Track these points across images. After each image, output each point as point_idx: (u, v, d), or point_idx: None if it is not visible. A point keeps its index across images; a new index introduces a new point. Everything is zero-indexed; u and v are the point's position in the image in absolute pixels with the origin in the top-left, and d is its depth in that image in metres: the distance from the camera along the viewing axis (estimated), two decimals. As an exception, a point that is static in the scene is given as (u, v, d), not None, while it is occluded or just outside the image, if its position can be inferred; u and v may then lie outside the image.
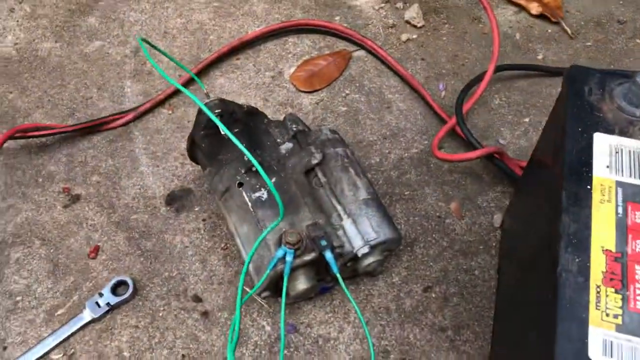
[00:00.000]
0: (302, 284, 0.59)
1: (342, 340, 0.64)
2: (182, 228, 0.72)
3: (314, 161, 0.63)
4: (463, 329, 0.64)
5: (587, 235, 0.44)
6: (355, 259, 0.61)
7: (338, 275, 0.58)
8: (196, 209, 0.74)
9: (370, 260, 0.61)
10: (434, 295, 0.67)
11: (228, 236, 0.71)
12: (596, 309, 0.40)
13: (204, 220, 0.73)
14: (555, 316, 0.40)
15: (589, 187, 0.46)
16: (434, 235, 0.71)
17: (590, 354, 0.38)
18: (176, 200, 0.75)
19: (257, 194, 0.62)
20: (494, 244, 0.70)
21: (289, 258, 0.57)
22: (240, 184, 0.63)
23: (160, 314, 0.66)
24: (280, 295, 0.57)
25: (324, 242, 0.58)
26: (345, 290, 0.56)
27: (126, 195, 0.75)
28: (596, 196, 0.45)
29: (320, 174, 0.64)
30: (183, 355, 0.63)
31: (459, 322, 0.65)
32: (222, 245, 0.70)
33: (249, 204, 0.62)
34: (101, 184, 0.76)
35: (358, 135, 0.79)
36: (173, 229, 0.72)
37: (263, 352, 0.63)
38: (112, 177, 0.77)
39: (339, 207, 0.62)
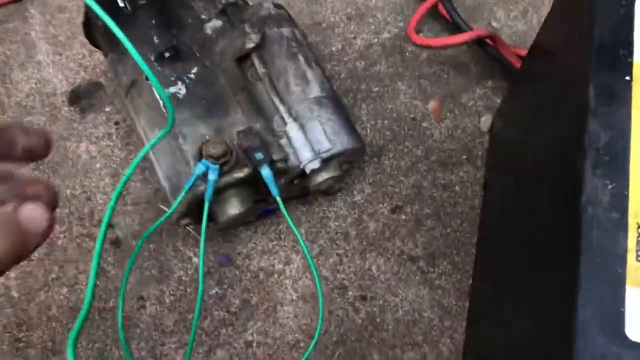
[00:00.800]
0: (233, 207, 0.46)
1: (289, 274, 0.51)
2: (88, 133, 0.56)
3: (250, 44, 0.47)
4: (438, 258, 0.52)
5: (625, 149, 0.30)
6: (304, 175, 0.47)
7: (278, 199, 0.44)
8: (107, 110, 0.58)
9: (323, 177, 0.47)
10: (403, 217, 0.54)
11: (147, 144, 0.56)
12: (637, 260, 0.27)
13: (116, 123, 0.57)
14: (576, 271, 0.27)
15: (627, 77, 0.32)
16: (406, 143, 0.57)
17: (628, 329, 0.26)
18: (82, 98, 0.58)
19: (172, 89, 0.46)
20: (480, 154, 0.57)
21: (211, 176, 0.42)
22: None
23: (59, 243, 0.52)
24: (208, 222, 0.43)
25: (259, 155, 0.43)
26: (287, 216, 0.43)
27: (18, 92, 0.59)
28: (639, 91, 0.31)
29: (257, 63, 0.48)
30: (87, 295, 0.50)
31: (433, 251, 0.52)
32: (140, 155, 0.55)
33: (160, 102, 0.46)
34: (-15, 77, 0.59)
35: (315, 14, 0.62)
36: (77, 134, 0.56)
37: (188, 289, 0.50)
38: (0, 67, 0.60)
39: (281, 108, 0.46)
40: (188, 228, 0.52)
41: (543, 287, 0.33)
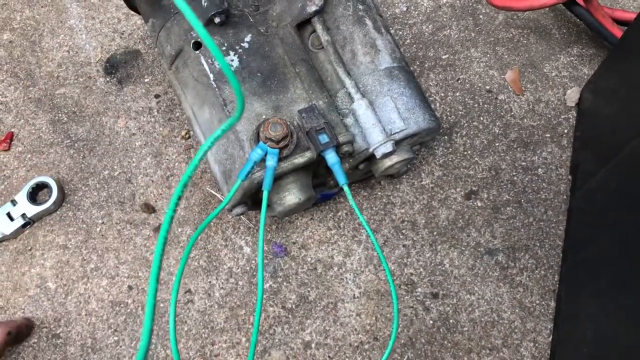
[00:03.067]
0: (292, 196, 0.40)
1: (350, 267, 0.46)
2: (127, 107, 0.51)
3: (312, 8, 0.41)
4: (519, 252, 0.46)
5: None
6: (371, 159, 0.41)
7: (345, 188, 0.38)
8: (146, 80, 0.52)
9: (394, 160, 0.41)
10: (479, 204, 0.47)
11: (191, 120, 0.50)
12: None
13: (157, 96, 0.52)
14: None
15: None
16: (481, 119, 0.50)
17: None
18: (119, 67, 0.53)
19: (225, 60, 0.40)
20: (565, 131, 0.50)
21: (271, 162, 0.37)
22: (198, 45, 0.41)
23: (98, 230, 0.47)
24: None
25: (324, 138, 0.37)
26: (352, 202, 0.37)
27: (50, 61, 0.53)
28: None
29: (320, 29, 0.41)
30: (129, 287, 0.46)
31: (513, 243, 0.46)
32: (184, 132, 0.50)
33: (211, 75, 0.40)
34: (15, 45, 0.54)
35: (376, -29, 0.55)
36: (114, 108, 0.51)
37: (240, 282, 0.46)
38: (29, 34, 0.55)
39: (347, 81, 0.40)
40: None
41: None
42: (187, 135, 0.50)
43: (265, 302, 0.45)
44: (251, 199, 0.41)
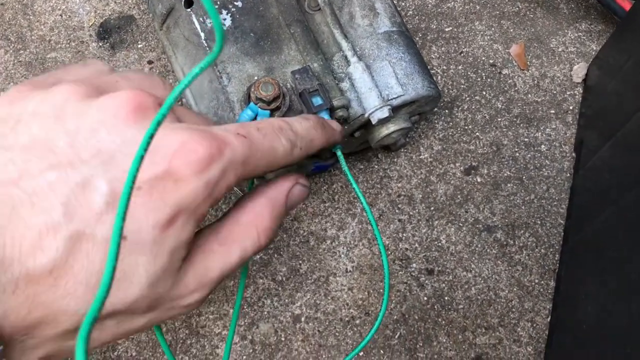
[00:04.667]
0: (284, 162, 0.38)
1: (343, 241, 0.45)
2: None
3: (308, -33, 0.39)
4: (519, 229, 0.45)
5: None
6: (367, 126, 0.40)
7: (339, 153, 0.37)
8: (140, 46, 0.51)
9: (390, 129, 0.40)
10: (479, 180, 0.46)
11: (184, 87, 0.49)
12: None
13: (150, 62, 0.50)
14: None
15: None
16: (484, 93, 0.48)
17: None
18: (112, 32, 0.52)
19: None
20: (571, 108, 0.48)
21: (261, 123, 0.35)
22: (189, 3, 0.40)
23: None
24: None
25: (318, 100, 0.36)
26: (347, 171, 0.36)
27: (42, 25, 0.52)
28: None
29: (316, -10, 0.40)
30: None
31: (513, 220, 0.45)
32: (178, 101, 0.49)
33: (202, 35, 0.39)
34: (6, 7, 0.53)
35: (379, -60, 0.53)
36: (106, 74, 0.50)
37: (230, 254, 0.44)
38: (22, -3, 0.53)
39: (344, 44, 0.39)
40: (230, 184, 0.45)
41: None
42: (179, 102, 0.49)
43: (255, 273, 0.44)
44: (241, 164, 0.40)
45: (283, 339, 0.42)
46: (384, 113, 0.37)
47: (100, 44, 0.51)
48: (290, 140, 0.26)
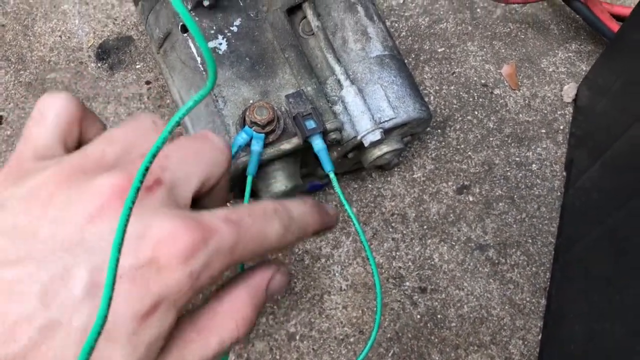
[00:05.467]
0: (279, 183, 0.39)
1: (337, 259, 0.45)
2: (117, 93, 0.51)
3: (302, -7, 0.40)
4: (510, 248, 0.45)
5: None
6: (360, 147, 0.40)
7: (331, 174, 0.38)
8: (138, 67, 0.52)
9: (383, 150, 0.41)
10: (471, 199, 0.47)
11: (181, 107, 0.50)
12: None
13: (148, 83, 0.51)
14: None
15: None
16: (475, 113, 0.49)
17: None
18: (111, 53, 0.52)
19: (211, 44, 0.40)
20: (561, 127, 0.49)
21: (256, 147, 0.36)
22: (186, 28, 0.40)
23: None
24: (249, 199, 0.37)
25: (311, 123, 0.37)
26: (340, 193, 0.37)
27: (42, 46, 0.53)
28: None
29: (310, 14, 0.41)
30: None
31: (504, 239, 0.45)
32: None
33: (198, 59, 0.40)
34: (7, 29, 0.54)
35: (373, -37, 0.55)
36: (105, 94, 0.51)
37: (226, 272, 0.45)
38: (22, 18, 0.54)
39: (337, 68, 0.40)
40: (227, 205, 0.46)
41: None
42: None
43: (250, 292, 0.44)
44: (237, 186, 0.41)
45: (278, 357, 0.43)
46: (376, 136, 0.38)
47: (99, 65, 0.52)
48: (284, 225, 0.25)
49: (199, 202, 0.26)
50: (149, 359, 0.22)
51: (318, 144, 0.37)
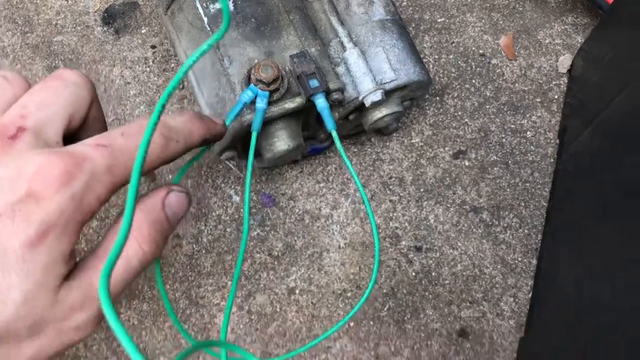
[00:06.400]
0: (281, 142, 0.41)
1: (336, 219, 0.47)
2: (123, 57, 0.52)
3: (307, -43, 0.41)
4: (504, 210, 0.47)
5: None
6: (361, 109, 0.42)
7: (334, 132, 0.39)
8: (143, 32, 0.53)
9: (383, 112, 0.42)
10: (467, 164, 0.48)
11: (186, 70, 0.51)
12: None
13: (153, 47, 0.52)
14: None
15: None
16: (473, 81, 0.51)
17: None
18: (116, 17, 0.53)
19: (217, 5, 0.41)
20: (556, 97, 0.50)
21: (260, 104, 0.37)
22: (194, -11, 0.42)
23: (91, 174, 0.48)
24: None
25: (314, 82, 0.38)
26: (341, 150, 0.38)
27: (48, 9, 0.54)
28: None
29: (315, -22, 0.42)
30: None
31: (498, 202, 0.47)
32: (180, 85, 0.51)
33: (205, 19, 0.41)
34: (14, -9, 0.55)
35: None
36: (111, 57, 0.52)
37: (228, 229, 0.46)
38: (29, -18, 0.55)
39: (340, 31, 0.41)
40: (229, 164, 0.48)
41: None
42: (181, 86, 0.51)
43: (252, 249, 0.46)
44: (241, 143, 0.42)
45: (278, 309, 0.44)
46: (377, 96, 0.39)
47: (105, 29, 0.53)
48: (164, 134, 0.27)
49: (76, 138, 0.27)
50: (48, 283, 0.23)
51: (321, 102, 0.38)
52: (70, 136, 0.28)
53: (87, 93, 0.29)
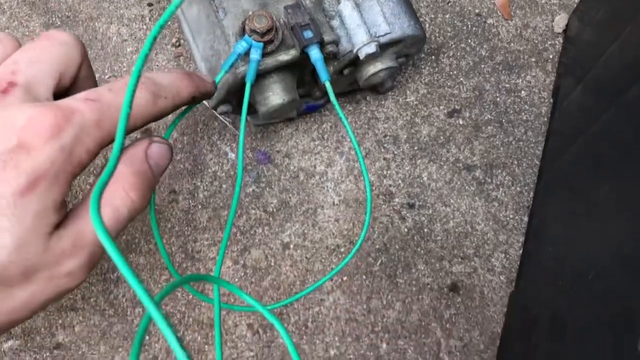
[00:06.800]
0: (276, 96, 0.41)
1: (331, 176, 0.47)
2: (119, 14, 0.52)
3: None
4: (496, 168, 0.47)
5: None
6: (355, 63, 0.42)
7: (327, 85, 0.39)
8: (139, -11, 0.53)
9: (377, 67, 0.42)
10: (461, 122, 0.49)
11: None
12: None
13: (150, 5, 0.52)
14: None
15: None
16: (469, 41, 0.51)
17: None
18: (113, -25, 0.53)
19: (212, -42, 0.41)
20: (551, 57, 0.50)
21: (254, 55, 0.38)
22: (188, -59, 0.41)
23: (88, 130, 0.48)
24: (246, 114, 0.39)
25: (309, 34, 0.38)
26: (336, 104, 0.38)
27: (44, -34, 0.54)
28: None
29: None
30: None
31: (491, 160, 0.48)
32: (174, 40, 0.51)
33: (200, -29, 0.41)
34: (10, -51, 0.54)
35: None
36: (107, 14, 0.52)
37: (224, 185, 0.47)
38: (25, -61, 0.55)
39: (335, -16, 0.41)
40: (225, 121, 0.48)
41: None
42: (178, 43, 0.51)
43: (248, 205, 0.46)
44: (236, 98, 0.42)
45: (273, 264, 0.45)
46: (372, 48, 0.40)
47: (102, -13, 0.53)
48: (152, 91, 0.28)
49: (67, 95, 0.28)
50: (40, 230, 0.24)
51: (315, 53, 0.38)
52: (61, 95, 0.29)
53: (77, 52, 0.30)
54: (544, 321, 0.37)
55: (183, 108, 0.34)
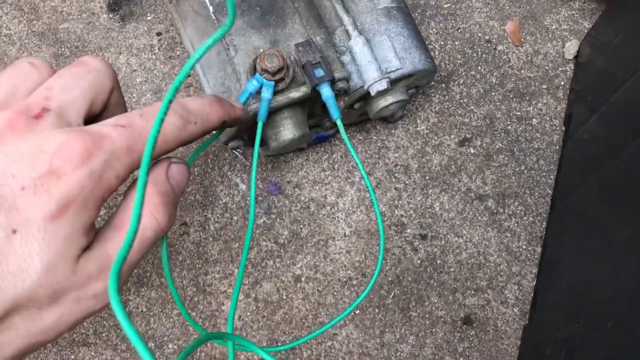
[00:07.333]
0: (287, 131, 0.41)
1: (342, 207, 0.47)
2: (128, 44, 0.52)
3: (312, -56, 0.41)
4: (509, 198, 0.47)
5: None
6: (366, 97, 0.42)
7: (338, 122, 0.39)
8: (149, 19, 0.53)
9: (388, 100, 0.42)
10: (472, 151, 0.48)
11: (191, 58, 0.51)
12: None
13: (159, 34, 0.52)
14: None
15: None
16: (479, 68, 0.50)
17: None
18: (122, 4, 0.53)
19: (222, -6, 0.41)
20: (562, 84, 0.50)
21: (266, 94, 0.38)
22: (198, -23, 0.41)
23: (98, 162, 0.48)
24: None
25: (320, 72, 0.38)
26: (346, 139, 0.38)
27: (54, -4, 0.54)
28: None
29: (320, -34, 0.41)
30: (128, 218, 0.47)
31: (503, 190, 0.47)
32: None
33: (210, 8, 0.41)
34: (19, -21, 0.54)
35: None
36: (117, 44, 0.52)
37: (234, 217, 0.47)
38: (34, -32, 0.55)
39: (345, 19, 0.41)
40: (235, 152, 0.48)
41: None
42: (189, 75, 0.51)
43: (259, 236, 0.46)
44: (247, 133, 0.42)
45: (285, 297, 0.45)
46: (383, 85, 0.39)
47: (111, 16, 0.53)
48: (182, 116, 0.28)
49: (98, 121, 0.28)
50: (68, 253, 0.24)
51: (326, 91, 0.38)
52: (92, 120, 0.29)
53: (108, 79, 0.30)
54: (559, 360, 0.37)
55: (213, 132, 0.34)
